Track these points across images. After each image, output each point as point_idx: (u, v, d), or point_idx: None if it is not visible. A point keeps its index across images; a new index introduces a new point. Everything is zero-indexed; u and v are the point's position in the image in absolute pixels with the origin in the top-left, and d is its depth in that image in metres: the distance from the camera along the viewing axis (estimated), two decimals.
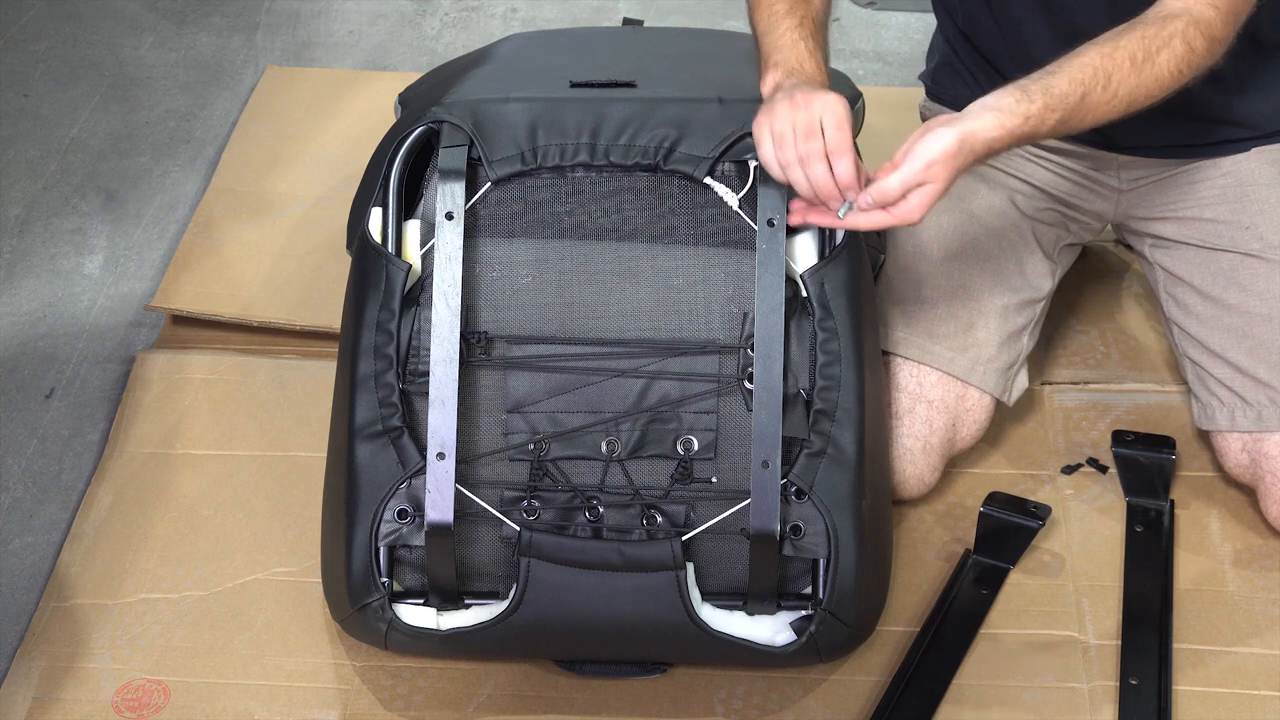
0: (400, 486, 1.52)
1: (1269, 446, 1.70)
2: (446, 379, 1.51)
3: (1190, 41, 1.50)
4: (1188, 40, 1.50)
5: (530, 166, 1.56)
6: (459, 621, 1.53)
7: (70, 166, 2.40)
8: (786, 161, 1.45)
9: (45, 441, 1.93)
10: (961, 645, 1.62)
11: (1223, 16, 1.51)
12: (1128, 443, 1.84)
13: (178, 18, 2.79)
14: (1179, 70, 1.50)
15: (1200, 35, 1.50)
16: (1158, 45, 1.49)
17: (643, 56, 1.83)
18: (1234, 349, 1.72)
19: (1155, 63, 1.49)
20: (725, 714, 1.58)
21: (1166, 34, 1.49)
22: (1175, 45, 1.49)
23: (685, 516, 1.54)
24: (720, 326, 1.55)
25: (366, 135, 1.80)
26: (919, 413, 1.72)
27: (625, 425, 1.54)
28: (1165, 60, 1.49)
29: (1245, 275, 1.73)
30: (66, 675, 1.61)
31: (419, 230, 1.59)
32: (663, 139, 1.55)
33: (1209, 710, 1.57)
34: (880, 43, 2.64)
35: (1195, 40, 1.50)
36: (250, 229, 2.21)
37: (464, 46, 2.67)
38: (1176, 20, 1.50)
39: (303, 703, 1.59)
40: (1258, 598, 1.68)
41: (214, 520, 1.79)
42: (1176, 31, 1.49)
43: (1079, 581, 1.70)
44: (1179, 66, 1.50)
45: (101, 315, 2.13)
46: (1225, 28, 1.51)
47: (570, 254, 1.57)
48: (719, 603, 1.53)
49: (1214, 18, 1.50)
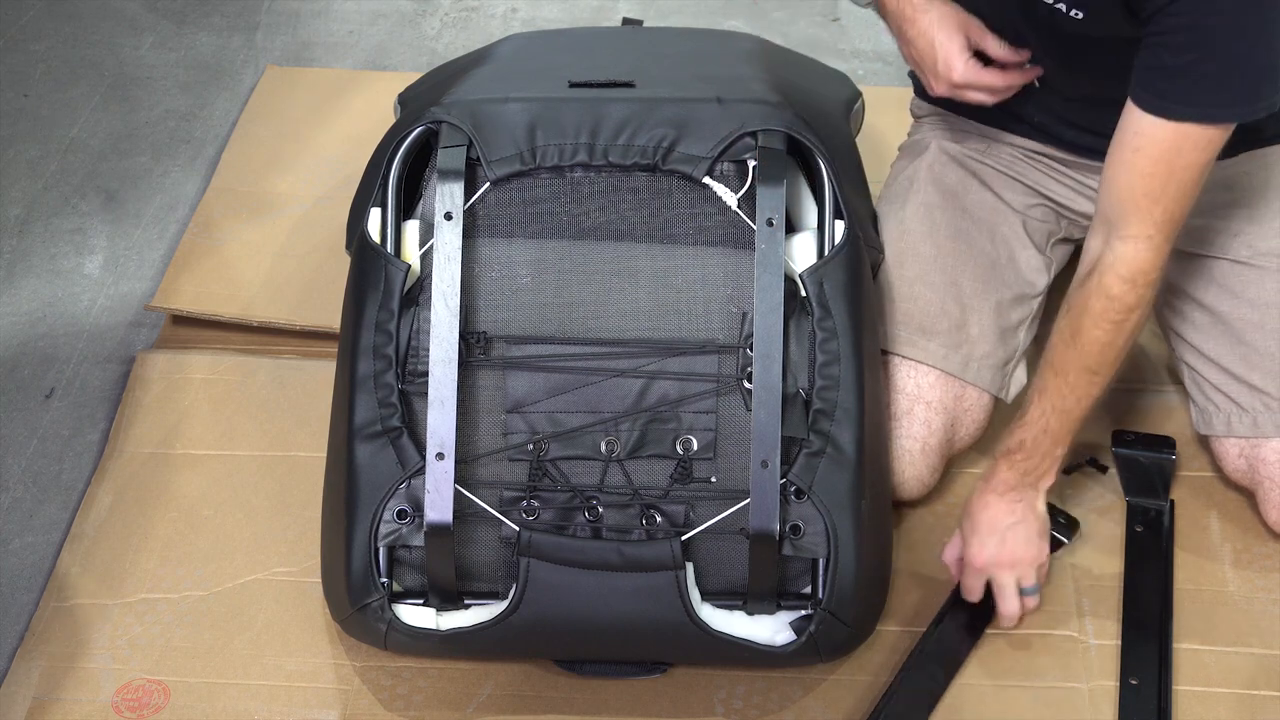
0: (400, 487, 1.52)
1: (1266, 452, 1.70)
2: (446, 379, 1.51)
3: (1107, 291, 1.50)
4: (1104, 291, 1.50)
5: (529, 166, 1.56)
6: (459, 621, 1.53)
7: (70, 166, 2.40)
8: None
9: (45, 441, 1.93)
10: (966, 644, 1.62)
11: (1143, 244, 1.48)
12: (1128, 443, 1.84)
13: (178, 18, 2.79)
14: (1110, 322, 1.51)
15: (1117, 278, 1.49)
16: (1078, 313, 1.52)
17: (642, 56, 1.83)
18: (1228, 355, 1.72)
19: (1086, 334, 1.52)
20: (725, 714, 1.58)
21: (1081, 301, 1.52)
22: (1093, 305, 1.51)
23: (685, 516, 1.54)
24: (719, 326, 1.55)
25: (366, 135, 1.80)
26: (917, 414, 1.72)
27: (624, 425, 1.54)
28: (1089, 325, 1.51)
29: (1236, 282, 1.73)
30: (66, 675, 1.61)
31: (418, 230, 1.59)
32: (661, 139, 1.55)
33: (1209, 710, 1.57)
34: (880, 43, 2.64)
35: (1111, 286, 1.50)
36: (250, 229, 2.21)
37: (464, 46, 2.67)
38: (1089, 281, 1.52)
39: (303, 703, 1.59)
40: (1258, 598, 1.68)
41: (214, 520, 1.79)
42: (1089, 292, 1.51)
43: (1079, 581, 1.70)
44: (1109, 318, 1.50)
45: (101, 315, 2.13)
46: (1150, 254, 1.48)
47: (569, 254, 1.57)
48: (719, 603, 1.53)
49: (1130, 251, 1.48)
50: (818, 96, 1.75)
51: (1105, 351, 1.53)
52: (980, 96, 1.63)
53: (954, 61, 1.59)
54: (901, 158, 1.90)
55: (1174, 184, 1.46)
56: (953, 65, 1.59)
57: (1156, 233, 1.48)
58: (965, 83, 1.60)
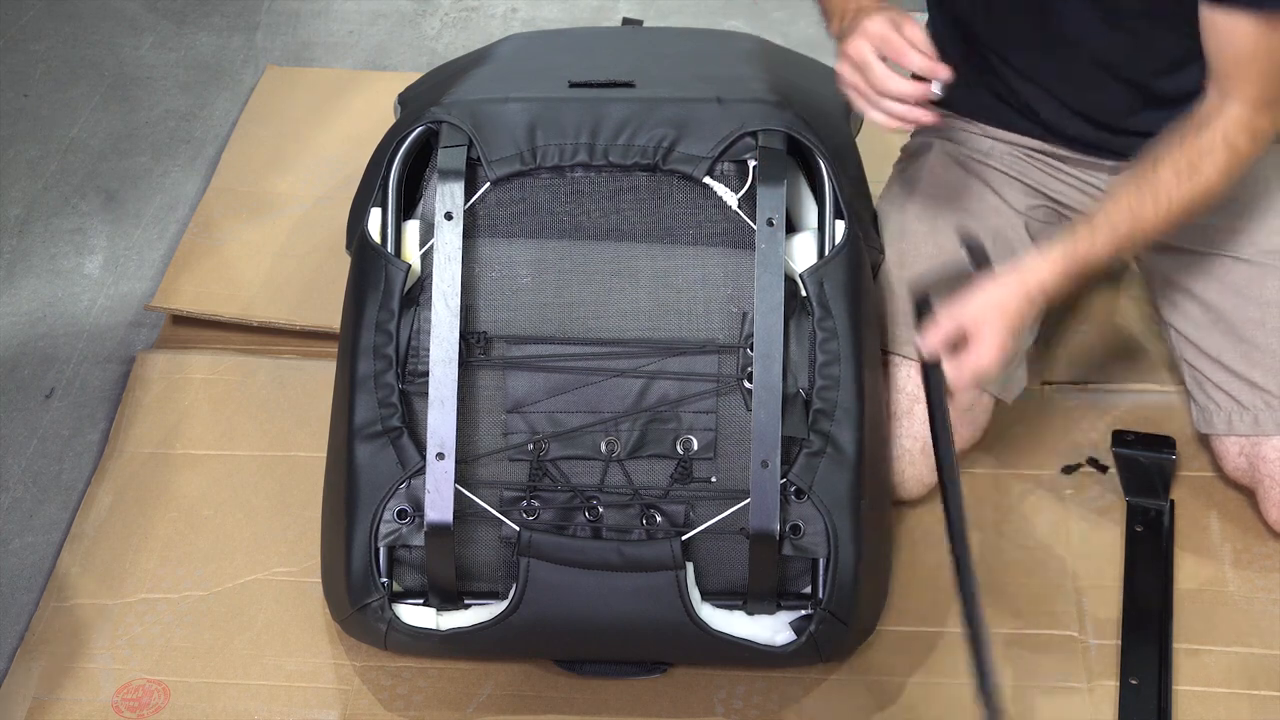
0: (400, 486, 1.52)
1: (1266, 451, 1.70)
2: (446, 379, 1.51)
3: (1233, 144, 1.51)
4: (1230, 144, 1.51)
5: (529, 166, 1.56)
6: (459, 621, 1.53)
7: (70, 166, 2.40)
8: (863, 87, 1.48)
9: (45, 441, 1.93)
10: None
11: (1263, 110, 1.50)
12: (1128, 443, 1.84)
13: (178, 18, 2.79)
14: (1228, 171, 1.52)
15: (1243, 135, 1.51)
16: (1199, 155, 1.52)
17: (642, 56, 1.83)
18: (1229, 354, 1.72)
19: (1201, 173, 1.52)
20: (725, 714, 1.58)
21: (1206, 143, 1.52)
22: (1218, 153, 1.51)
23: (685, 516, 1.54)
24: (719, 326, 1.55)
25: (366, 135, 1.80)
26: (918, 413, 1.72)
27: (625, 425, 1.54)
28: (1209, 169, 1.52)
29: (1238, 280, 1.73)
30: (66, 675, 1.61)
31: (418, 230, 1.59)
32: (662, 139, 1.55)
33: (1209, 710, 1.57)
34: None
35: (1238, 141, 1.51)
36: (250, 229, 2.21)
37: (464, 46, 2.67)
38: (1214, 128, 1.51)
39: (303, 703, 1.59)
40: (1258, 598, 1.68)
41: (214, 520, 1.79)
42: (1215, 141, 1.51)
43: (1079, 581, 1.70)
44: (1227, 169, 1.52)
45: (101, 315, 2.13)
46: (1269, 119, 1.51)
47: (569, 254, 1.57)
48: (719, 602, 1.53)
49: (1249, 114, 1.50)
50: (818, 96, 1.75)
51: (1211, 199, 1.54)
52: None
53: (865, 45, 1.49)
54: (903, 158, 1.90)
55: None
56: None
57: (1274, 102, 1.50)
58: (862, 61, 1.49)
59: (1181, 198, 1.53)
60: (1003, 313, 1.51)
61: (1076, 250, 1.53)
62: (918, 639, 1.65)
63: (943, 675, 1.61)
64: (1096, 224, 1.54)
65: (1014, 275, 1.53)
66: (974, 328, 1.51)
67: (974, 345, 1.51)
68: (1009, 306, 1.52)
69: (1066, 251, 1.53)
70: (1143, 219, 1.53)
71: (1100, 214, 1.54)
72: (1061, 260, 1.53)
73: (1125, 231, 1.54)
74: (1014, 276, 1.53)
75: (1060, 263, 1.53)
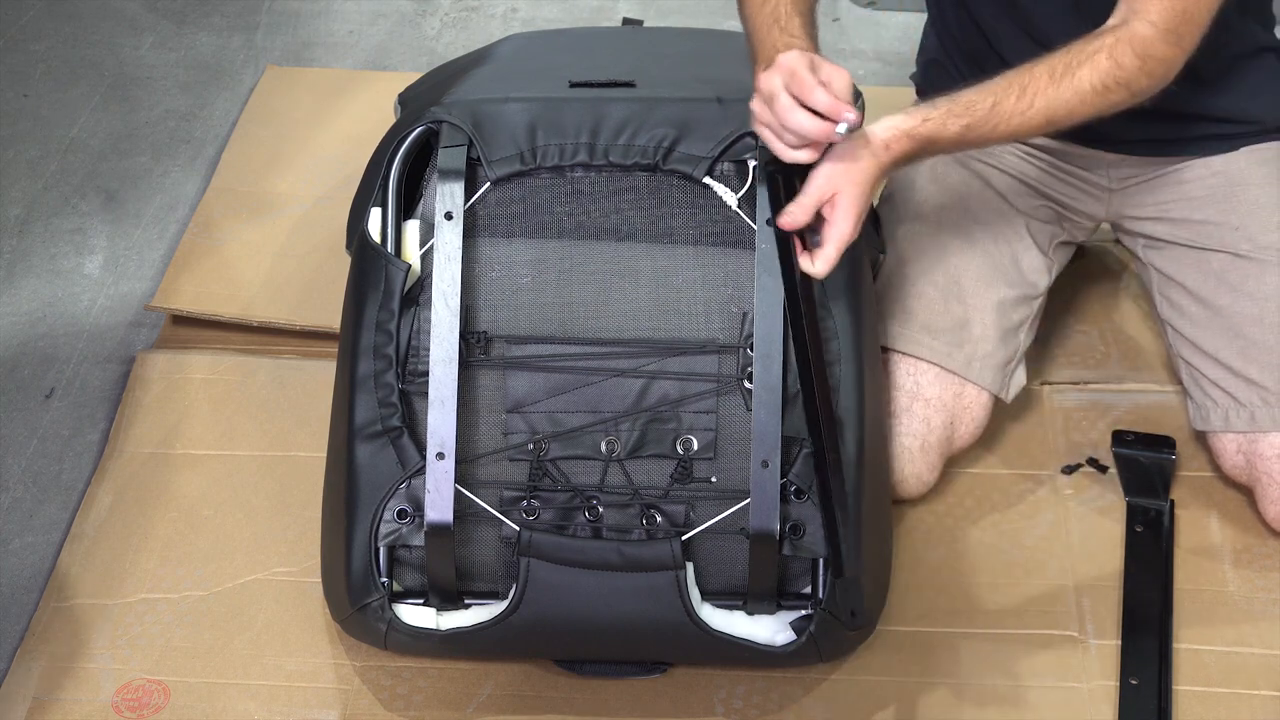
0: (400, 486, 1.52)
1: (1263, 448, 1.70)
2: (446, 379, 1.51)
3: (1117, 57, 1.47)
4: (1114, 56, 1.47)
5: (529, 166, 1.56)
6: (459, 621, 1.53)
7: (70, 166, 2.40)
8: (770, 120, 1.43)
9: (45, 441, 1.93)
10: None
11: (1161, 35, 1.47)
12: (1128, 443, 1.84)
13: (178, 18, 2.79)
14: (1103, 84, 1.48)
15: (1131, 52, 1.47)
16: (1080, 60, 1.48)
17: (642, 56, 1.83)
18: (1226, 350, 1.72)
19: (1075, 76, 1.47)
20: (725, 714, 1.58)
21: (1091, 49, 1.48)
22: (1099, 60, 1.47)
23: (685, 516, 1.54)
24: (720, 326, 1.55)
25: (366, 135, 1.80)
26: (916, 411, 1.72)
27: (625, 425, 1.54)
28: (1086, 74, 1.47)
29: (1236, 276, 1.73)
30: (66, 675, 1.61)
31: (418, 230, 1.59)
32: (662, 139, 1.55)
33: (1209, 710, 1.57)
34: (880, 43, 2.64)
35: (1123, 56, 1.47)
36: (250, 229, 2.21)
37: (464, 46, 2.67)
38: (1106, 36, 1.48)
39: (303, 703, 1.59)
40: (1258, 598, 1.68)
41: (214, 520, 1.79)
42: (1103, 47, 1.48)
43: (1079, 581, 1.70)
44: (1103, 81, 1.48)
45: (101, 315, 2.13)
46: (1165, 47, 1.48)
47: (569, 254, 1.57)
48: (719, 602, 1.53)
49: (1150, 35, 1.47)
50: None
51: (1077, 108, 1.49)
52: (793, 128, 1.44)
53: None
54: None
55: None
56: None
57: (1174, 29, 1.47)
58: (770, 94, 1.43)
59: (1048, 98, 1.48)
60: (852, 178, 1.45)
61: (929, 119, 1.48)
62: (918, 639, 1.65)
63: (943, 675, 1.61)
64: (956, 100, 1.49)
65: (860, 140, 1.46)
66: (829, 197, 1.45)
67: (832, 216, 1.45)
68: (858, 169, 1.45)
69: (918, 119, 1.48)
70: (1002, 109, 1.48)
71: (965, 94, 1.49)
72: (911, 124, 1.47)
73: (982, 115, 1.48)
74: (859, 141, 1.45)
75: (909, 126, 1.47)
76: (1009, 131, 1.50)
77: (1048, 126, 1.51)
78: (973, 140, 1.50)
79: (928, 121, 1.48)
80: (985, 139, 1.51)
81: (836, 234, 1.45)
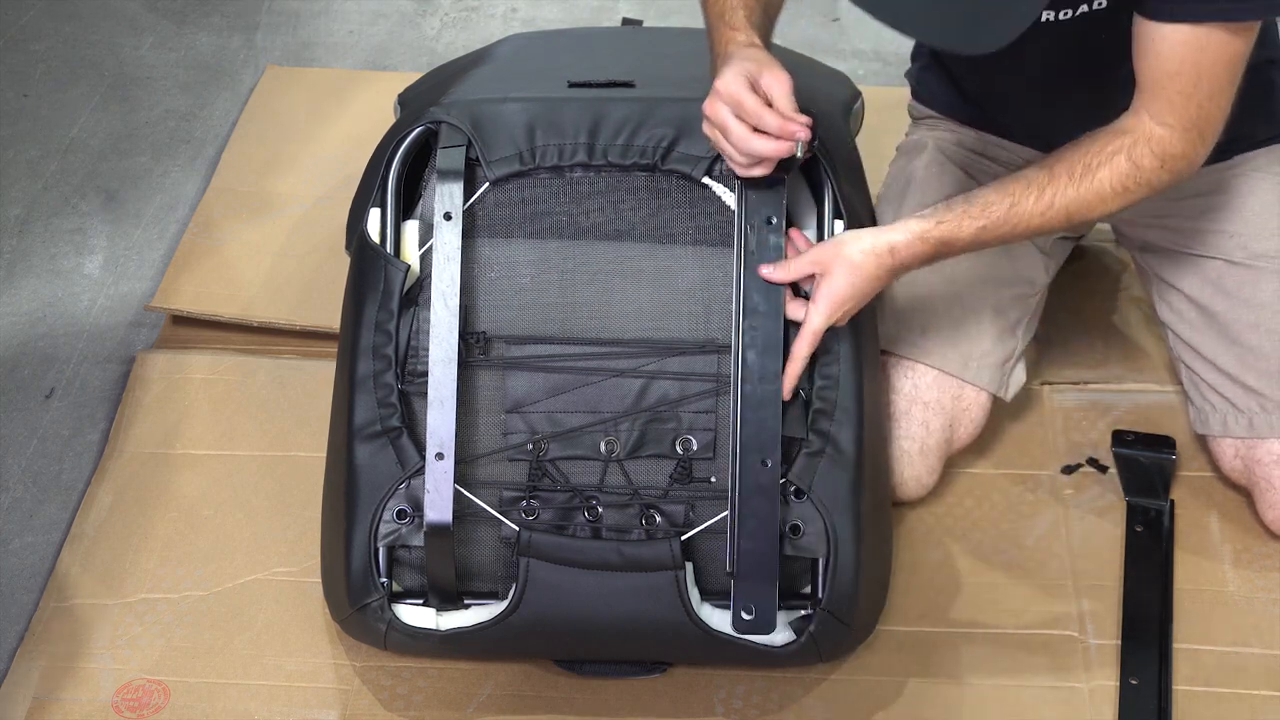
0: (399, 487, 1.52)
1: (1261, 453, 1.70)
2: (445, 379, 1.51)
3: (1136, 159, 1.47)
4: (1134, 158, 1.47)
5: (528, 167, 1.56)
6: (458, 621, 1.53)
7: (70, 166, 2.40)
8: (724, 146, 1.45)
9: (45, 441, 1.93)
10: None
11: (1178, 134, 1.46)
12: (1128, 443, 1.84)
13: (178, 18, 2.79)
14: (1123, 186, 1.48)
15: (1149, 153, 1.47)
16: (1100, 160, 1.48)
17: (641, 56, 1.83)
18: (1223, 356, 1.72)
19: (1095, 177, 1.48)
20: (725, 714, 1.58)
21: (1111, 150, 1.48)
22: (1118, 162, 1.48)
23: (684, 516, 1.54)
24: (719, 326, 1.55)
25: (366, 135, 1.80)
26: (915, 414, 1.72)
27: (624, 425, 1.54)
28: (1106, 176, 1.48)
29: (1231, 283, 1.73)
30: (66, 675, 1.62)
31: (417, 230, 1.59)
32: (661, 139, 1.55)
33: (1209, 710, 1.57)
34: (880, 43, 2.64)
35: (1142, 158, 1.47)
36: (250, 229, 2.21)
37: (464, 46, 2.67)
38: (1125, 136, 1.48)
39: (303, 703, 1.59)
40: (1258, 598, 1.68)
41: (214, 520, 1.79)
42: (1122, 148, 1.48)
43: (1079, 581, 1.70)
44: (1123, 183, 1.48)
45: (101, 315, 2.13)
46: (1185, 145, 1.47)
47: (568, 254, 1.57)
48: (719, 602, 1.52)
49: (1166, 136, 1.46)
50: (818, 96, 1.75)
51: (1096, 207, 1.50)
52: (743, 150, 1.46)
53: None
54: (899, 158, 1.90)
55: (1205, 83, 1.44)
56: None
57: (1191, 127, 1.46)
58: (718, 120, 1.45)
59: (1067, 199, 1.49)
60: (851, 269, 1.47)
61: (943, 222, 1.49)
62: (918, 639, 1.65)
63: (943, 675, 1.61)
64: (973, 201, 1.50)
65: (873, 235, 1.48)
66: (821, 271, 1.47)
67: (814, 296, 1.47)
68: (860, 264, 1.47)
69: (932, 221, 1.49)
70: (1021, 210, 1.49)
71: (981, 195, 1.50)
72: (925, 227, 1.49)
73: (999, 216, 1.49)
74: (872, 236, 1.48)
75: (923, 229, 1.49)
76: (1027, 231, 1.51)
77: (1067, 225, 1.52)
78: (989, 240, 1.51)
79: (942, 224, 1.49)
80: (1003, 239, 1.52)
81: (808, 323, 1.48)
